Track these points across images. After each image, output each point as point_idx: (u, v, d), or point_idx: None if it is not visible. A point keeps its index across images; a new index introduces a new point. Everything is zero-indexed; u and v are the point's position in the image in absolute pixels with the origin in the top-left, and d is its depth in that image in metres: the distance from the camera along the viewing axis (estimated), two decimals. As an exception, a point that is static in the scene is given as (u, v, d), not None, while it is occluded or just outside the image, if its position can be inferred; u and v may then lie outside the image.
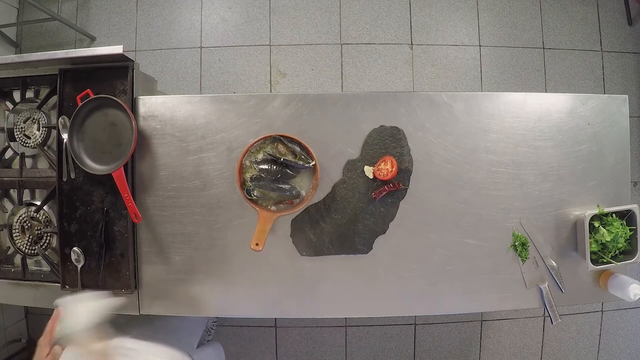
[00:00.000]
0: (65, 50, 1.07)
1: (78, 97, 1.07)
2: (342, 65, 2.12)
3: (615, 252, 1.07)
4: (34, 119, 1.15)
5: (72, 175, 1.09)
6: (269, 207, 1.04)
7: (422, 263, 1.08)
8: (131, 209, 1.04)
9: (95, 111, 1.07)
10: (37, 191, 1.19)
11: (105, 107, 1.07)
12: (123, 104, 1.04)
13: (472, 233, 1.08)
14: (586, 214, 1.05)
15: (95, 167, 1.06)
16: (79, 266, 1.08)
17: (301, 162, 1.03)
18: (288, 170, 1.03)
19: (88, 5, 2.18)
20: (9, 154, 1.19)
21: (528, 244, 1.09)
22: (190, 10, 2.17)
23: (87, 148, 1.08)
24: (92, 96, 1.06)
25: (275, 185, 1.02)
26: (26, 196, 1.18)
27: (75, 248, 1.08)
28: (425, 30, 2.16)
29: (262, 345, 2.06)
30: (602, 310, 2.13)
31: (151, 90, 1.19)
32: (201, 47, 2.14)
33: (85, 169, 1.05)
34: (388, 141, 1.07)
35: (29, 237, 1.15)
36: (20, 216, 1.16)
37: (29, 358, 1.98)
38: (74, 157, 1.06)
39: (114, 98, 1.05)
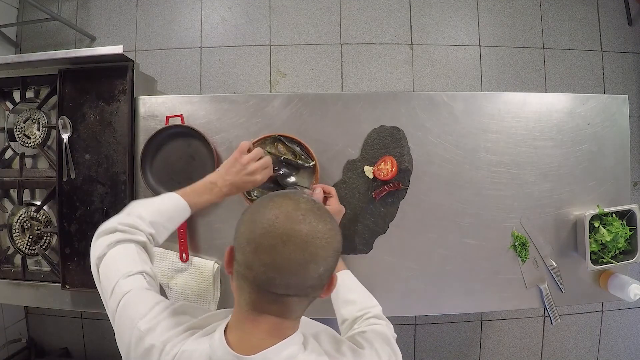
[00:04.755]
0: (65, 50, 1.07)
1: (167, 117, 1.07)
2: (342, 65, 2.12)
3: (615, 252, 1.07)
4: (34, 119, 1.15)
5: (72, 175, 1.09)
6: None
7: (422, 263, 1.08)
8: (182, 247, 1.05)
9: (180, 137, 1.07)
10: (37, 191, 1.19)
11: (191, 137, 1.06)
12: (212, 145, 1.04)
13: (472, 233, 1.08)
14: (586, 214, 1.05)
15: (155, 186, 1.06)
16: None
17: (301, 162, 1.03)
18: (288, 170, 1.03)
19: (88, 5, 2.18)
20: (9, 154, 1.19)
21: (528, 244, 1.09)
22: (190, 10, 2.17)
23: (155, 166, 1.08)
24: (183, 123, 1.06)
25: (280, 168, 1.02)
26: (26, 196, 1.18)
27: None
28: (425, 30, 2.16)
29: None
30: (602, 310, 2.13)
31: (151, 90, 1.19)
32: (201, 47, 2.14)
33: (145, 183, 1.06)
34: (388, 141, 1.07)
35: (29, 237, 1.15)
36: (20, 216, 1.16)
37: (29, 358, 1.98)
38: (141, 168, 1.05)
39: (206, 137, 1.04)
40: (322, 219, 0.55)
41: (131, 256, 0.70)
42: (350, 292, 0.88)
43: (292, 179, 1.02)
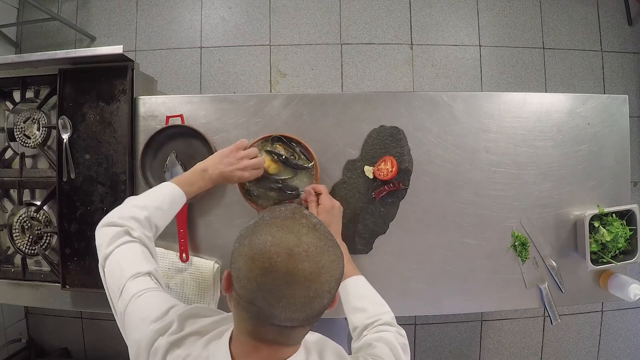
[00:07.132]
0: (65, 50, 1.07)
1: (167, 117, 1.07)
2: (342, 65, 2.12)
3: (615, 252, 1.07)
4: (34, 119, 1.15)
5: (72, 175, 1.09)
6: (269, 207, 1.04)
7: (422, 263, 1.08)
8: (182, 247, 1.04)
9: (180, 137, 1.07)
10: (37, 191, 1.19)
11: (191, 137, 1.06)
12: (212, 145, 1.03)
13: (472, 233, 1.08)
14: (586, 214, 1.05)
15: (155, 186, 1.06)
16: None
17: (301, 162, 1.03)
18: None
19: (88, 5, 2.18)
20: (9, 154, 1.19)
21: (528, 244, 1.09)
22: (190, 10, 2.17)
23: (155, 166, 1.08)
24: (183, 123, 1.06)
25: (275, 185, 1.02)
26: (26, 196, 1.18)
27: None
28: (425, 30, 2.16)
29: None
30: (602, 310, 2.13)
31: (151, 90, 1.19)
32: (201, 47, 2.14)
33: (146, 183, 1.05)
34: (388, 141, 1.07)
35: (29, 237, 1.15)
36: (20, 216, 1.16)
37: (29, 358, 1.98)
38: (141, 168, 1.05)
39: (206, 137, 1.04)
40: (325, 250, 0.53)
41: (136, 256, 0.71)
42: (362, 299, 0.86)
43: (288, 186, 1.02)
